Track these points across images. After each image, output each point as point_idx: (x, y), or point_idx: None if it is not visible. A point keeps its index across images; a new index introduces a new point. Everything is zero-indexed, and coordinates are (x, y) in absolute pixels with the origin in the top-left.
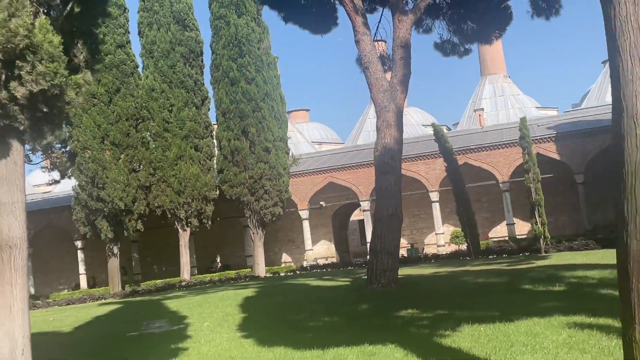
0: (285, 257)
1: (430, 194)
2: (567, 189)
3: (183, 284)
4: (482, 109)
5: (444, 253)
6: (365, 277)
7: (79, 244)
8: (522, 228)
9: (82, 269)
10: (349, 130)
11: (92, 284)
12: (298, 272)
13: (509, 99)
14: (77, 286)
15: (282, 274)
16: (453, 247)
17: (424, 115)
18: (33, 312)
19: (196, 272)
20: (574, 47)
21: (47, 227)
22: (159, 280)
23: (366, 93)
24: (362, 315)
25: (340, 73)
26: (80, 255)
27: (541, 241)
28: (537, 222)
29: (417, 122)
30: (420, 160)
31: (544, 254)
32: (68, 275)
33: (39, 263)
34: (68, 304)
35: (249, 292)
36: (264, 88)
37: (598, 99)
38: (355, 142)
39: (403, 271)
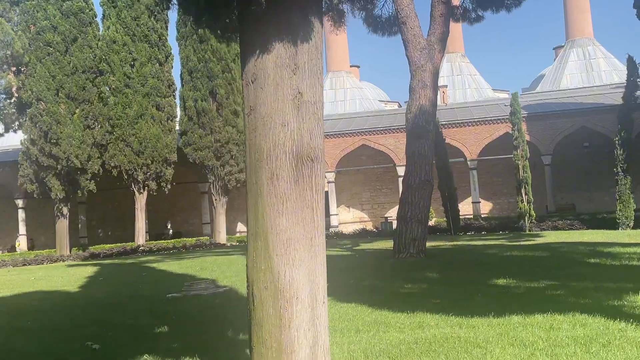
0: (241, 227)
1: (397, 168)
2: (532, 169)
3: (141, 249)
4: (446, 86)
5: None
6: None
7: (19, 202)
8: (484, 207)
9: (22, 229)
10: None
11: (29, 247)
12: None
13: (467, 78)
14: (13, 248)
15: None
16: None
17: (377, 90)
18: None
19: (147, 238)
20: (525, 33)
21: None
22: (110, 245)
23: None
24: (449, 282)
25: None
26: (21, 214)
27: (526, 219)
28: (522, 199)
29: (372, 97)
30: (389, 133)
31: (530, 232)
32: (3, 236)
33: None
34: (24, 265)
35: (243, 257)
36: (236, 48)
37: (553, 84)
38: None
39: (385, 244)
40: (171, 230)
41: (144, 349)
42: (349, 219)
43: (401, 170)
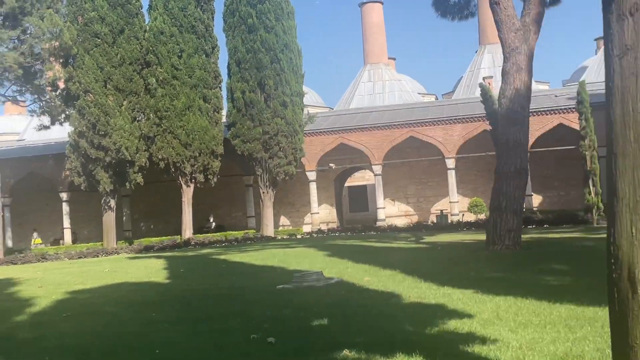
0: (284, 220)
1: (446, 160)
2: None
3: (193, 242)
4: (491, 77)
5: (468, 221)
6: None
7: (64, 195)
8: (534, 200)
9: (66, 222)
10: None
11: (73, 240)
12: (315, 235)
13: None
14: (56, 241)
15: (298, 237)
16: (468, 217)
17: (415, 83)
18: (53, 263)
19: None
20: (563, 24)
21: (28, 177)
22: (160, 237)
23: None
24: (592, 274)
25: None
26: (65, 208)
27: (594, 212)
28: (590, 191)
29: (411, 90)
30: (438, 124)
31: (598, 225)
32: (46, 229)
33: (14, 215)
34: (79, 257)
35: (313, 250)
36: (284, 38)
37: (598, 76)
38: (348, 105)
39: (453, 237)
40: (214, 224)
41: (324, 343)
42: (394, 212)
43: (450, 163)
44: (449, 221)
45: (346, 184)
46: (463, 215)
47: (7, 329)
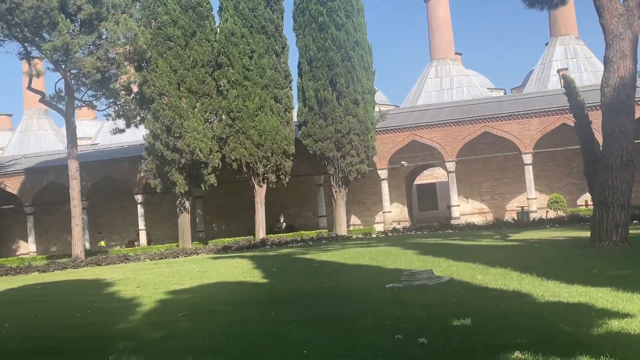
0: (354, 220)
1: (522, 156)
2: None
3: (269, 242)
4: (567, 69)
5: (549, 218)
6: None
7: (138, 198)
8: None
9: (141, 224)
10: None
11: (148, 241)
12: (390, 234)
13: (582, 61)
14: (131, 243)
15: (373, 236)
16: (549, 214)
17: (482, 78)
18: (137, 264)
19: None
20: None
21: (103, 180)
22: (235, 238)
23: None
24: None
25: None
26: (140, 210)
27: None
28: None
29: (480, 85)
30: (513, 119)
31: None
32: (121, 231)
33: (90, 218)
34: (161, 258)
35: (399, 249)
36: (354, 35)
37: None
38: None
39: (540, 234)
40: (284, 224)
41: (484, 345)
42: (468, 210)
43: (527, 158)
44: (531, 218)
45: (414, 182)
46: (547, 211)
47: (127, 329)
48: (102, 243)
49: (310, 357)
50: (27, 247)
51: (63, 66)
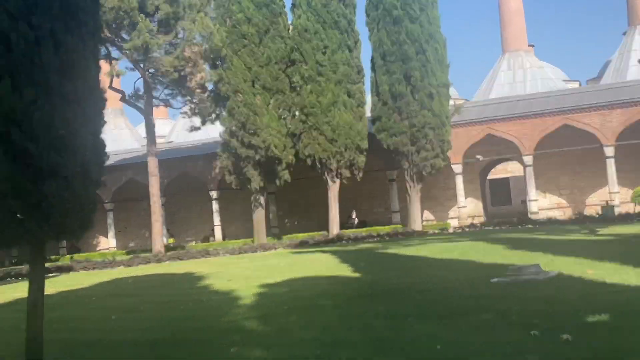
0: (427, 215)
1: (604, 148)
2: None
3: (345, 237)
4: None
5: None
6: None
7: (213, 194)
8: None
9: (217, 220)
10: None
11: (222, 237)
12: (467, 230)
13: None
14: (206, 238)
15: (450, 231)
16: (628, 207)
17: (556, 70)
18: (218, 259)
19: None
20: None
21: (179, 177)
22: (310, 233)
23: None
24: None
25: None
26: (215, 206)
27: None
28: None
29: (555, 76)
30: (594, 110)
31: None
32: (196, 227)
33: (166, 214)
34: (239, 253)
35: (486, 244)
36: (428, 28)
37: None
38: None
39: (625, 229)
40: (356, 219)
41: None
42: (546, 204)
43: (609, 151)
44: (616, 212)
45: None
46: (635, 205)
47: (235, 321)
48: (172, 240)
49: (446, 352)
50: (107, 243)
51: (142, 65)
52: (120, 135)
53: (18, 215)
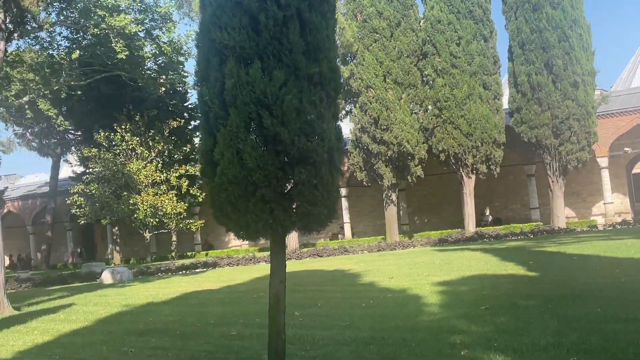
0: (567, 212)
1: None
2: None
3: (487, 235)
4: None
5: None
6: None
7: (343, 191)
8: None
9: (346, 217)
10: None
11: (351, 234)
12: (618, 227)
13: None
14: (335, 236)
15: (600, 228)
16: None
17: None
18: (360, 256)
19: None
20: None
21: None
22: (439, 232)
23: None
24: None
25: None
26: (344, 203)
27: None
28: None
29: None
30: None
31: None
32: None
33: None
34: (378, 250)
35: None
36: (571, 13)
37: None
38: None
39: None
40: (490, 217)
41: None
42: (625, 208)
43: None
44: None
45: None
46: None
47: (437, 320)
48: None
49: None
50: (239, 240)
51: None
52: None
53: (269, 205)
